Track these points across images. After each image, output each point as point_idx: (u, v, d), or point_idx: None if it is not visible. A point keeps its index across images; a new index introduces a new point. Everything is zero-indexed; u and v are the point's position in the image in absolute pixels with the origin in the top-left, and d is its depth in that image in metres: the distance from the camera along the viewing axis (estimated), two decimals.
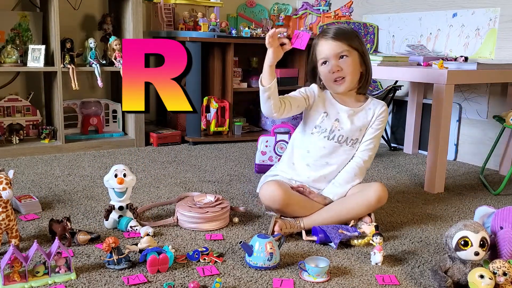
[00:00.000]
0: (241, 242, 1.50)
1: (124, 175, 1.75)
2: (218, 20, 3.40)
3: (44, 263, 1.40)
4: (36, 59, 2.87)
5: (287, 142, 2.50)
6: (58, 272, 1.40)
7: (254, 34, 3.49)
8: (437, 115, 2.31)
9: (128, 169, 1.78)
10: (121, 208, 1.77)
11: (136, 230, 1.72)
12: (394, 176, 2.65)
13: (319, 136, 1.85)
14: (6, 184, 1.48)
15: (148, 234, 1.67)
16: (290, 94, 1.86)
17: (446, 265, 1.42)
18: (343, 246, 1.69)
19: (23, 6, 3.11)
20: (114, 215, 1.77)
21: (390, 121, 3.45)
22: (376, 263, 1.56)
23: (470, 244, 1.35)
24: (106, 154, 2.92)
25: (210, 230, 1.78)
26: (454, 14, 3.00)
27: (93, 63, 2.98)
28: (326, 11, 3.84)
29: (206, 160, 2.86)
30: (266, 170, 2.09)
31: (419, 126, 3.20)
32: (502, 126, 2.47)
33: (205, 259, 1.54)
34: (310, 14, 4.00)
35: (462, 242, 1.36)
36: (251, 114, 3.82)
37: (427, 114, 3.03)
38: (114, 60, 3.06)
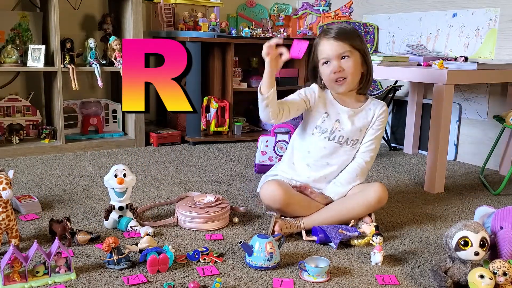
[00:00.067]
0: (241, 242, 1.50)
1: (124, 175, 1.75)
2: (218, 20, 3.40)
3: (44, 263, 1.39)
4: (36, 59, 2.87)
5: (287, 142, 2.50)
6: (58, 272, 1.40)
7: (254, 34, 3.49)
8: (437, 115, 2.31)
9: (128, 169, 1.78)
10: (121, 208, 1.77)
11: (136, 230, 1.72)
12: (394, 176, 2.65)
13: (320, 136, 1.85)
14: (6, 184, 1.48)
15: (148, 234, 1.67)
16: (289, 97, 1.85)
17: (446, 265, 1.42)
18: (343, 246, 1.69)
19: (23, 6, 3.11)
20: (114, 215, 1.77)
21: (390, 121, 3.45)
22: (376, 263, 1.56)
23: (470, 244, 1.35)
24: (106, 154, 2.92)
25: (210, 230, 1.78)
26: (454, 14, 3.00)
27: (93, 63, 2.98)
28: (326, 11, 3.84)
29: (206, 160, 2.86)
30: (266, 170, 2.09)
31: (419, 126, 3.20)
32: (502, 126, 2.47)
33: (205, 259, 1.54)
34: (310, 14, 4.00)
35: (462, 242, 1.36)
36: (251, 114, 3.82)
37: (427, 114, 3.03)
38: (114, 60, 3.06)
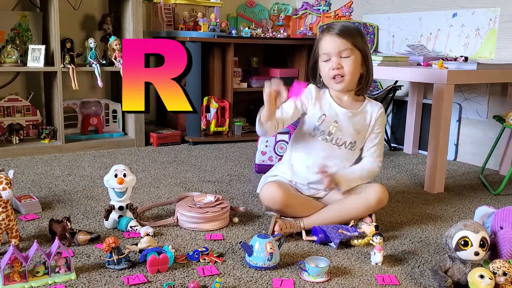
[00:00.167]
0: (241, 242, 1.50)
1: (124, 175, 1.75)
2: (218, 20, 3.40)
3: (44, 263, 1.39)
4: (36, 59, 2.87)
5: (287, 142, 2.50)
6: (58, 272, 1.40)
7: (254, 34, 3.49)
8: (437, 115, 2.31)
9: (128, 169, 1.78)
10: (121, 208, 1.77)
11: (136, 230, 1.72)
12: (394, 176, 2.65)
13: (318, 138, 1.83)
14: (6, 184, 1.48)
15: (148, 234, 1.67)
16: (284, 106, 1.81)
17: (446, 265, 1.42)
18: (343, 246, 1.69)
19: (23, 6, 3.11)
20: (114, 215, 1.77)
21: (390, 121, 3.45)
22: (376, 263, 1.56)
23: (470, 244, 1.35)
24: (106, 154, 2.92)
25: (210, 230, 1.78)
26: (454, 14, 3.00)
27: (93, 63, 2.98)
28: (326, 11, 3.84)
29: (206, 160, 2.86)
30: (266, 170, 2.08)
31: (419, 126, 3.20)
32: (502, 126, 2.47)
33: (205, 259, 1.54)
34: (310, 14, 4.00)
35: (462, 242, 1.36)
36: (251, 114, 3.81)
37: (427, 114, 3.03)
38: (114, 60, 3.06)
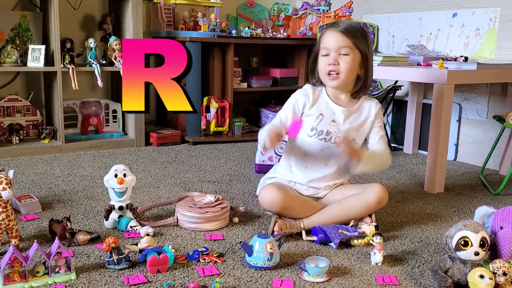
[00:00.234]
0: (241, 242, 1.50)
1: (124, 175, 1.75)
2: (218, 20, 3.40)
3: (44, 263, 1.40)
4: (36, 59, 2.87)
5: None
6: (58, 272, 1.40)
7: (254, 34, 3.49)
8: (437, 115, 2.31)
9: (128, 169, 1.78)
10: (121, 208, 1.77)
11: (136, 230, 1.72)
12: (394, 176, 2.65)
13: (316, 138, 1.82)
14: (6, 184, 1.48)
15: (148, 234, 1.67)
16: (281, 115, 1.84)
17: (446, 265, 1.42)
18: (343, 246, 1.69)
19: (23, 6, 3.11)
20: (114, 215, 1.77)
21: (390, 121, 3.45)
22: (376, 263, 1.56)
23: (470, 244, 1.35)
24: (106, 154, 2.92)
25: (210, 230, 1.78)
26: (454, 14, 3.00)
27: (93, 63, 2.98)
28: (326, 11, 3.84)
29: (206, 160, 2.86)
30: (266, 170, 2.08)
31: (419, 126, 3.20)
32: (502, 126, 2.47)
33: (205, 259, 1.54)
34: (310, 14, 4.00)
35: (462, 242, 1.36)
36: (251, 114, 3.82)
37: (427, 114, 3.03)
38: (114, 60, 3.06)
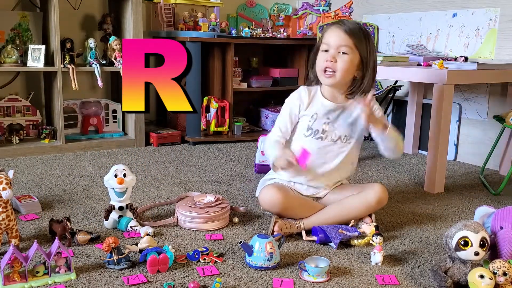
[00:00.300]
0: (241, 242, 1.50)
1: (124, 175, 1.75)
2: (218, 20, 3.40)
3: (44, 263, 1.39)
4: (36, 59, 2.87)
5: None
6: (58, 272, 1.40)
7: (254, 34, 3.49)
8: (437, 115, 2.31)
9: (128, 169, 1.78)
10: (121, 208, 1.77)
11: (136, 230, 1.72)
12: (394, 176, 2.65)
13: (312, 138, 1.82)
14: (6, 184, 1.48)
15: (148, 234, 1.67)
16: (281, 124, 1.85)
17: (446, 265, 1.42)
18: (343, 246, 1.69)
19: (23, 6, 3.11)
20: (114, 215, 1.77)
21: (390, 121, 3.45)
22: (376, 263, 1.56)
23: (470, 244, 1.35)
24: (106, 154, 2.92)
25: (210, 230, 1.78)
26: (454, 14, 3.00)
27: (93, 63, 2.98)
28: (326, 11, 3.84)
29: (206, 160, 2.86)
30: (266, 170, 2.08)
31: (419, 126, 3.20)
32: (502, 126, 2.47)
33: (205, 259, 1.54)
34: (310, 14, 3.99)
35: (462, 242, 1.36)
36: (251, 114, 3.82)
37: (427, 114, 3.03)
38: (114, 60, 3.06)
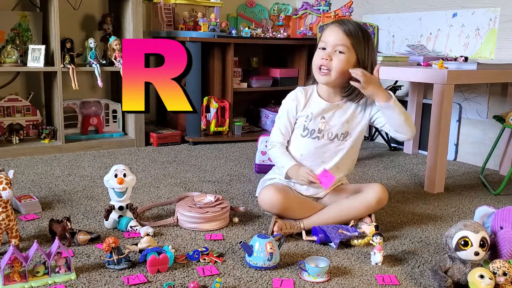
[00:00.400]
0: (241, 242, 1.50)
1: (124, 175, 1.75)
2: (218, 20, 3.40)
3: (44, 263, 1.39)
4: (36, 59, 2.87)
5: None
6: (58, 272, 1.40)
7: (254, 34, 3.49)
8: (437, 115, 2.31)
9: (128, 169, 1.78)
10: (121, 208, 1.77)
11: (136, 230, 1.72)
12: (394, 176, 2.65)
13: (309, 138, 1.83)
14: (6, 184, 1.48)
15: (148, 234, 1.67)
16: (281, 129, 1.86)
17: (446, 265, 1.42)
18: (343, 246, 1.69)
19: (23, 6, 3.11)
20: (114, 215, 1.77)
21: None
22: (376, 263, 1.56)
23: (470, 244, 1.35)
24: (106, 154, 2.92)
25: (210, 230, 1.78)
26: (454, 14, 3.00)
27: (93, 63, 2.98)
28: (326, 11, 3.84)
29: (206, 160, 2.86)
30: (266, 170, 2.08)
31: (419, 126, 3.20)
32: (502, 126, 2.47)
33: (205, 259, 1.54)
34: (310, 14, 3.99)
35: (462, 242, 1.36)
36: (251, 114, 3.82)
37: (427, 114, 3.03)
38: (114, 60, 3.06)
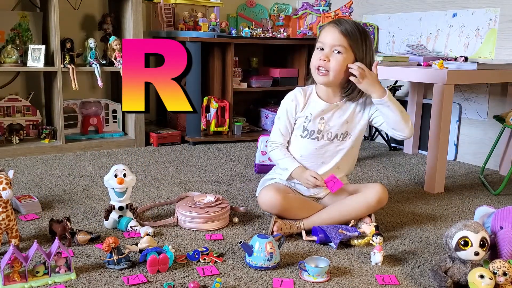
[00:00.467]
0: (241, 242, 1.50)
1: (124, 175, 1.75)
2: (218, 20, 3.40)
3: (44, 263, 1.40)
4: (36, 59, 2.87)
5: None
6: (58, 272, 1.40)
7: (254, 34, 3.49)
8: (437, 115, 2.31)
9: (128, 169, 1.78)
10: (121, 208, 1.77)
11: (136, 230, 1.72)
12: (394, 176, 2.65)
13: (309, 139, 1.83)
14: (6, 184, 1.48)
15: (148, 234, 1.67)
16: (281, 129, 1.86)
17: (446, 265, 1.42)
18: (343, 246, 1.69)
19: (23, 6, 3.11)
20: (114, 215, 1.77)
21: None
22: (376, 263, 1.56)
23: (470, 244, 1.35)
24: (106, 154, 2.92)
25: (210, 230, 1.78)
26: (454, 14, 3.00)
27: (93, 63, 2.98)
28: (326, 11, 3.84)
29: (206, 160, 2.86)
30: (266, 170, 2.08)
31: (419, 126, 3.20)
32: (502, 126, 2.47)
33: (205, 259, 1.54)
34: (310, 14, 3.99)
35: (462, 242, 1.36)
36: (251, 114, 3.82)
37: (427, 114, 3.03)
38: (114, 60, 3.06)
